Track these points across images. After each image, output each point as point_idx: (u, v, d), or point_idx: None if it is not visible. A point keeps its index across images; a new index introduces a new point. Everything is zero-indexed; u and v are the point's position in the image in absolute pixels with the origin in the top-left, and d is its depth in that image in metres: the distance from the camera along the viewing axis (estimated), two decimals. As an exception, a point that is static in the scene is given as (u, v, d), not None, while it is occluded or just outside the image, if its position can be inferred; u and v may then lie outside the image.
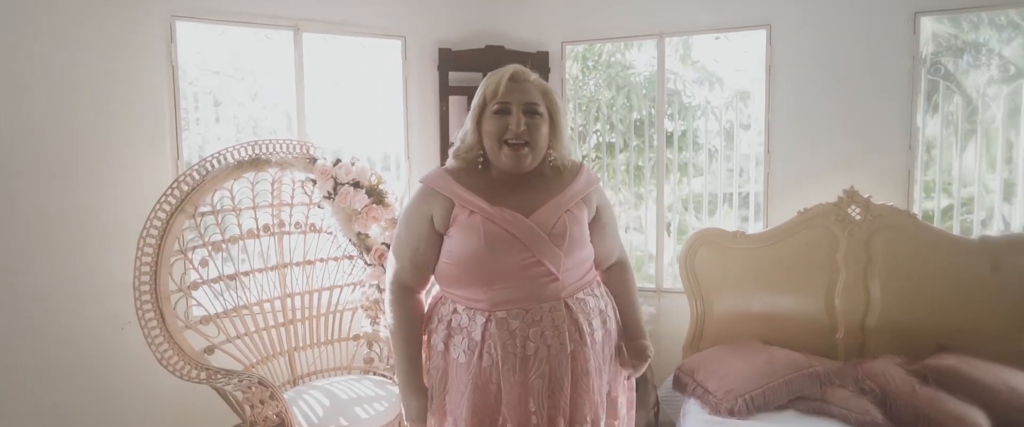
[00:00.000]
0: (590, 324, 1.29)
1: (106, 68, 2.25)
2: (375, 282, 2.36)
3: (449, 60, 2.87)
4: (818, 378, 2.14)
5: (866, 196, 2.38)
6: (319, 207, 2.34)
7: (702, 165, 3.03)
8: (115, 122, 2.28)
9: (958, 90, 2.61)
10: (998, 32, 2.68)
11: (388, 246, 2.27)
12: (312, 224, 2.38)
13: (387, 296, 1.35)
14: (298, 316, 2.36)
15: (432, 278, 1.36)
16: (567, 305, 1.26)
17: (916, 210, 2.52)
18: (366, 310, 2.43)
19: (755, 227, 2.83)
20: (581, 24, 2.95)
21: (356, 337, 2.45)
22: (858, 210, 2.39)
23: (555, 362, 1.24)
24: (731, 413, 2.06)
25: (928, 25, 2.51)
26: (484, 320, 1.24)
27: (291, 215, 2.33)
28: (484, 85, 1.25)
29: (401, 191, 2.46)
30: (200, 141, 2.57)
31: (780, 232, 2.50)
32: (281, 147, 2.21)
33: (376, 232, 2.37)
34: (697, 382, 2.26)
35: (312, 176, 2.29)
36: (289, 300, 2.33)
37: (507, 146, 1.23)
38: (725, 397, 2.10)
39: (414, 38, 2.85)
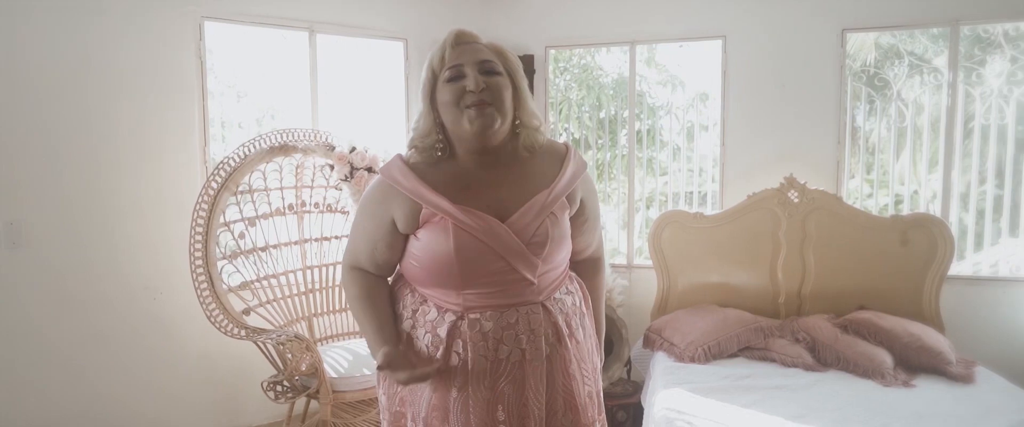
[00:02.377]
0: (569, 325, 1.18)
1: (144, 63, 2.49)
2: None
3: (445, 61, 3.20)
4: (762, 331, 2.58)
5: (803, 182, 2.84)
6: (337, 189, 2.64)
7: (665, 162, 3.46)
8: (150, 111, 2.52)
9: (896, 97, 3.09)
10: (933, 43, 3.16)
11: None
12: (329, 204, 2.68)
13: (342, 274, 1.23)
14: (317, 286, 2.66)
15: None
16: (545, 307, 1.15)
17: (842, 194, 2.99)
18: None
19: (712, 211, 3.27)
20: (563, 31, 3.32)
21: (367, 305, 2.76)
22: (796, 194, 2.84)
23: (529, 368, 1.12)
24: (692, 360, 2.47)
25: (868, 38, 2.98)
26: (455, 319, 1.12)
27: (311, 196, 2.63)
28: (429, 57, 1.10)
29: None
30: (223, 131, 2.82)
31: (732, 213, 2.94)
32: (305, 135, 2.51)
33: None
34: (664, 338, 2.66)
35: (330, 162, 2.59)
36: (309, 272, 2.62)
37: (470, 109, 1.04)
38: (687, 348, 2.52)
39: (415, 40, 3.17)
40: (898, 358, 2.36)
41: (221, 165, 2.19)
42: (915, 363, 2.36)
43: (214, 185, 2.13)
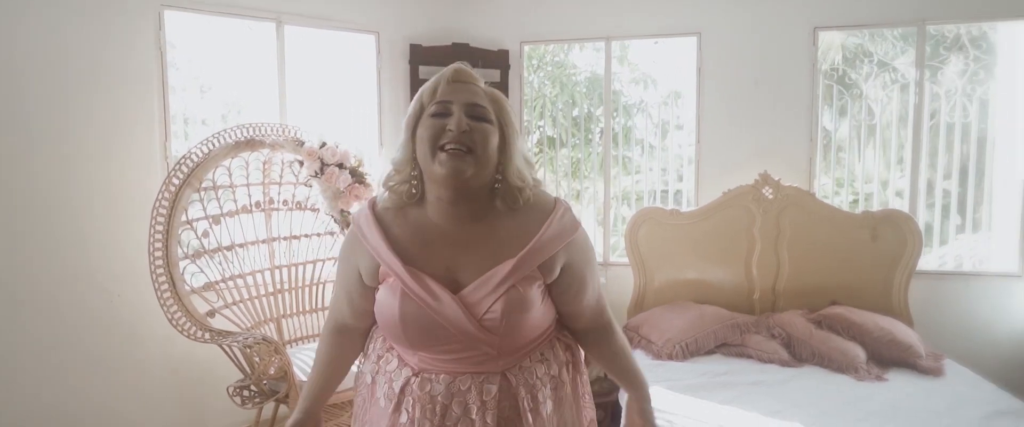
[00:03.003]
0: (535, 397, 1.06)
1: (100, 54, 2.36)
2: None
3: (419, 55, 3.13)
4: (738, 327, 2.59)
5: (777, 179, 2.87)
6: (306, 186, 2.55)
7: (639, 160, 3.46)
8: (108, 105, 2.39)
9: (860, 95, 3.14)
10: (896, 44, 3.23)
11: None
12: (298, 202, 2.59)
13: (323, 329, 1.19)
14: (286, 286, 2.56)
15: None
16: (505, 376, 1.04)
17: (814, 191, 3.03)
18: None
19: (688, 208, 3.27)
20: (538, 27, 3.29)
21: (339, 306, 2.67)
22: (770, 190, 2.86)
23: None
24: (670, 357, 2.46)
25: (837, 38, 3.02)
26: (409, 374, 1.05)
27: (279, 193, 2.53)
28: (420, 92, 1.03)
29: (379, 175, 2.70)
30: (185, 127, 2.70)
31: (708, 210, 2.95)
32: (272, 130, 2.41)
33: (357, 209, 2.61)
34: (641, 336, 2.65)
35: (299, 157, 2.50)
36: (278, 272, 2.53)
37: (443, 152, 0.95)
38: (664, 345, 2.51)
39: (387, 33, 3.09)
40: (870, 352, 2.40)
41: (183, 160, 2.08)
42: (887, 357, 2.40)
43: (175, 181, 2.02)
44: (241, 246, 2.37)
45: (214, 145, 2.18)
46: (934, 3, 2.86)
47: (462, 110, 0.98)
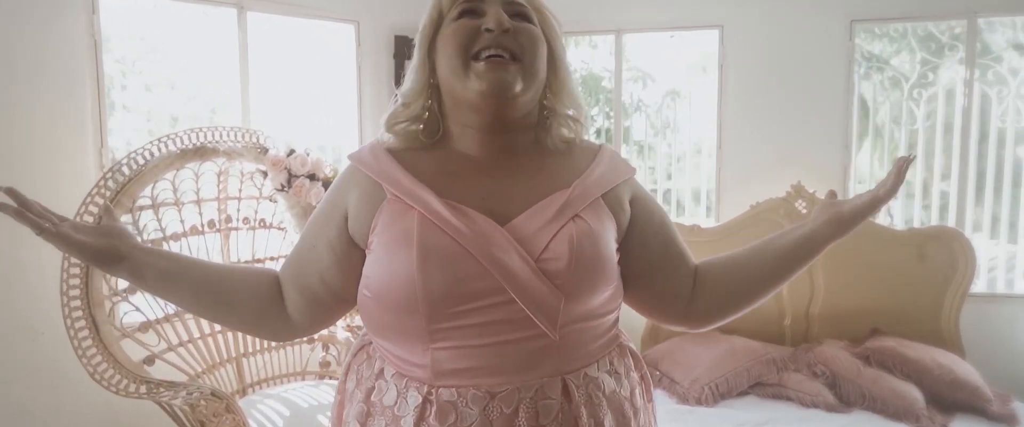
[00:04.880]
0: (599, 423, 0.74)
1: (14, 44, 1.96)
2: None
3: (406, 48, 2.75)
4: (774, 363, 2.25)
5: (811, 191, 2.53)
6: (271, 201, 2.17)
7: (635, 161, 3.11)
8: (28, 104, 1.99)
9: (902, 98, 2.81)
10: (890, 43, 2.91)
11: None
12: (262, 219, 2.20)
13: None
14: (247, 319, 2.17)
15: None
16: (566, 387, 0.73)
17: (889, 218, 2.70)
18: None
19: (705, 220, 2.93)
20: (540, 17, 2.92)
21: (310, 340, 2.30)
22: (804, 204, 2.53)
23: None
24: (698, 401, 2.12)
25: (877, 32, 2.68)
26: (420, 400, 0.72)
27: (239, 209, 2.15)
28: None
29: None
30: (128, 128, 2.30)
31: (733, 226, 2.61)
32: (229, 135, 2.02)
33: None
34: (662, 373, 2.30)
35: (262, 167, 2.12)
36: (237, 302, 2.14)
37: (479, 61, 0.72)
38: (691, 386, 2.16)
39: (368, 23, 2.71)
40: (929, 394, 2.07)
41: (110, 173, 1.69)
42: (949, 400, 2.08)
43: (99, 201, 1.63)
44: (190, 275, 1.98)
45: (154, 154, 1.79)
46: (986, -6, 2.54)
47: (498, 5, 0.75)
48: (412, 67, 0.80)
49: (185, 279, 0.79)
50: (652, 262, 0.82)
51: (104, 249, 0.76)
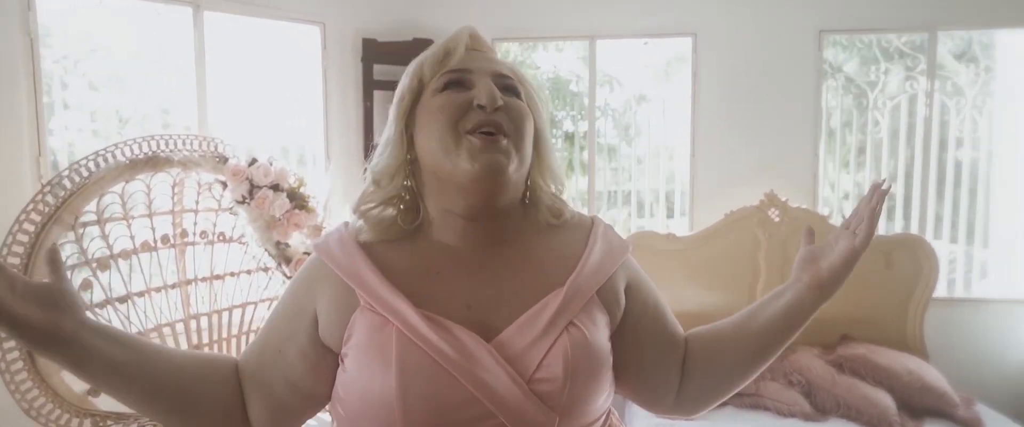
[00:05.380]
0: None
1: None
2: (296, 297, 2.10)
3: (374, 51, 2.65)
4: (752, 373, 2.25)
5: (784, 199, 2.56)
6: (231, 213, 2.03)
7: (602, 163, 3.09)
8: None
9: (866, 107, 2.87)
10: (843, 51, 3.00)
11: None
12: (221, 233, 2.06)
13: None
14: (205, 339, 2.03)
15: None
16: None
17: (819, 209, 2.75)
18: (286, 329, 2.16)
19: (681, 229, 2.93)
20: (514, 22, 2.87)
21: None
22: (777, 213, 2.55)
23: None
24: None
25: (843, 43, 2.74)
26: None
27: (196, 223, 2.00)
28: (419, 62, 0.72)
29: (325, 196, 2.21)
30: (71, 128, 2.13)
31: (708, 234, 2.61)
32: (184, 143, 1.88)
33: (298, 241, 2.12)
34: (640, 385, 2.27)
35: (222, 178, 1.98)
36: (196, 322, 2.00)
37: (473, 136, 0.66)
38: (671, 398, 2.14)
39: (334, 25, 2.59)
40: (899, 400, 2.11)
41: (49, 187, 1.54)
42: (918, 406, 2.12)
43: (36, 217, 1.48)
44: (142, 295, 1.83)
45: (100, 165, 1.64)
46: (946, 8, 2.62)
47: (488, 78, 0.69)
48: (385, 141, 0.71)
49: (139, 376, 0.66)
50: (644, 355, 0.76)
51: (44, 327, 0.59)
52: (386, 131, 0.72)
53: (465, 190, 0.67)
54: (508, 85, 0.70)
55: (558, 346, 0.64)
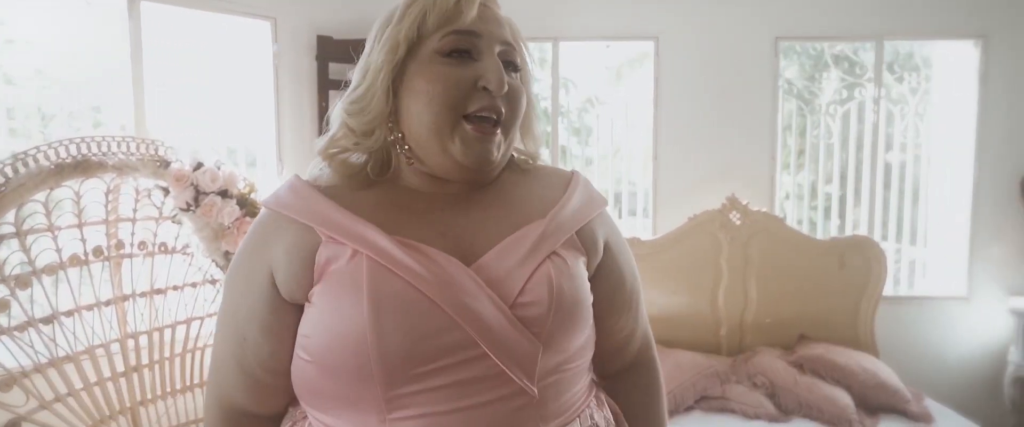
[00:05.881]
0: None
1: None
2: (247, 310, 1.96)
3: (329, 49, 2.52)
4: (718, 376, 2.27)
5: (744, 202, 2.60)
6: (174, 222, 1.87)
7: (562, 166, 3.08)
8: None
9: (817, 111, 2.97)
10: (808, 60, 3.12)
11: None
12: (162, 243, 1.89)
13: (206, 419, 0.71)
14: (144, 360, 1.86)
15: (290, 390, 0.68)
16: None
17: (776, 212, 2.81)
18: (236, 345, 2.01)
19: (641, 230, 2.93)
20: (474, 22, 2.79)
21: (224, 379, 2.01)
22: (738, 216, 2.59)
23: None
24: (648, 421, 2.08)
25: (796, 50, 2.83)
26: None
27: (133, 233, 1.83)
28: (422, 7, 0.63)
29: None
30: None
31: (671, 238, 2.62)
32: (120, 145, 1.71)
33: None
34: (609, 391, 2.25)
35: (163, 183, 1.82)
36: (134, 341, 1.82)
37: (469, 123, 0.62)
38: (640, 405, 2.12)
39: (286, 21, 2.45)
40: (857, 398, 2.17)
41: (-42, 197, 1.35)
42: (874, 403, 2.19)
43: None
44: (70, 314, 1.65)
45: (19, 170, 1.47)
46: (892, 19, 2.74)
47: (495, 54, 0.64)
48: (366, 88, 0.64)
49: None
50: (602, 317, 0.73)
51: None
52: (367, 75, 0.64)
53: (448, 172, 0.65)
54: (510, 58, 0.66)
55: (541, 271, 0.62)
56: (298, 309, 0.64)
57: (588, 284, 0.68)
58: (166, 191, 1.82)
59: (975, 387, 2.79)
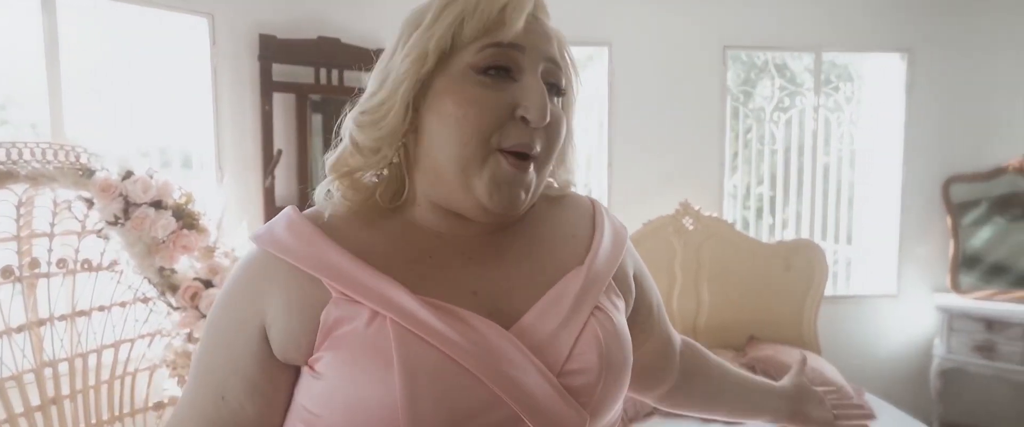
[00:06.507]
0: None
1: None
2: (184, 330, 1.81)
3: (272, 50, 2.38)
4: (675, 381, 2.30)
5: (696, 208, 2.66)
6: (101, 236, 1.70)
7: None
8: None
9: (762, 119, 3.08)
10: (753, 70, 3.25)
11: (206, 283, 1.77)
12: (86, 260, 1.72)
13: None
14: (65, 391, 1.68)
15: None
16: None
17: (727, 218, 2.89)
18: (172, 367, 1.85)
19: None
20: (427, 24, 2.72)
21: (159, 406, 1.86)
22: (691, 221, 2.65)
23: None
24: (610, 429, 2.08)
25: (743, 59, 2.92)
26: None
27: (50, 250, 1.64)
28: (458, 12, 0.55)
29: (218, 212, 1.92)
30: None
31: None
32: (34, 153, 1.54)
33: (186, 265, 1.82)
34: (570, 400, 2.23)
35: (87, 194, 1.65)
36: (52, 370, 1.64)
37: (504, 157, 0.54)
38: (601, 413, 2.12)
39: (225, 18, 2.29)
40: (805, 396, 2.25)
41: None
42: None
43: None
44: (-25, 344, 1.47)
45: (-90, 183, 1.28)
46: (828, 33, 2.88)
47: (538, 75, 0.55)
48: (384, 100, 0.54)
49: None
50: (650, 346, 0.73)
51: None
52: (386, 83, 0.55)
53: (465, 211, 0.55)
54: (554, 79, 0.57)
55: (588, 332, 0.55)
56: (292, 370, 0.55)
57: (628, 333, 0.62)
58: (90, 203, 1.65)
59: (904, 380, 2.98)
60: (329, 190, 0.57)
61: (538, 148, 0.54)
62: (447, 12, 0.54)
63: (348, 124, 0.57)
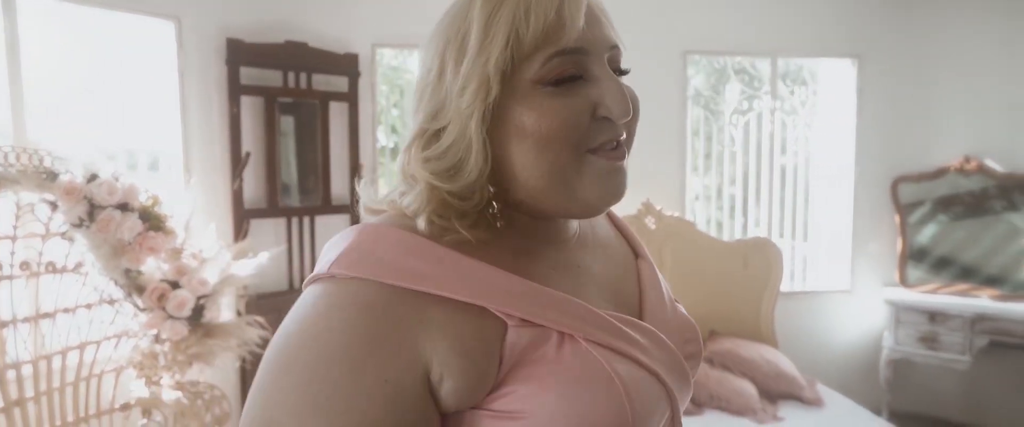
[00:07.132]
0: None
1: None
2: (151, 331, 1.83)
3: (240, 54, 2.40)
4: (637, 374, 2.38)
5: (658, 208, 2.75)
6: (65, 238, 1.71)
7: None
8: None
9: (722, 123, 3.20)
10: (713, 74, 3.38)
11: (173, 284, 1.79)
12: (50, 263, 1.73)
13: None
14: (29, 392, 1.68)
15: None
16: None
17: (689, 216, 3.00)
18: (138, 368, 1.87)
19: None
20: (395, 28, 2.76)
21: (125, 407, 1.86)
22: (653, 220, 2.74)
23: None
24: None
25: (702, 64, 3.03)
26: None
27: (13, 253, 1.65)
28: (510, 22, 0.48)
29: (187, 213, 1.94)
30: None
31: (592, 242, 2.73)
32: (-3, 156, 1.55)
33: (152, 266, 1.84)
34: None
35: (51, 197, 1.66)
36: (13, 373, 1.65)
37: (598, 156, 0.52)
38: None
39: (192, 22, 2.30)
40: (760, 388, 2.36)
41: None
42: (774, 390, 2.39)
43: None
44: (-64, 346, 1.47)
45: None
46: (783, 39, 3.00)
47: (610, 69, 0.52)
48: (455, 142, 0.49)
49: None
50: None
51: None
52: (451, 123, 0.49)
53: (568, 213, 0.53)
54: (618, 63, 0.54)
55: (683, 314, 0.62)
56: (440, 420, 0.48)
57: None
58: (54, 205, 1.67)
59: (856, 370, 3.12)
60: (392, 200, 0.52)
61: (624, 135, 0.54)
62: (497, 25, 0.48)
63: (422, 174, 0.50)
